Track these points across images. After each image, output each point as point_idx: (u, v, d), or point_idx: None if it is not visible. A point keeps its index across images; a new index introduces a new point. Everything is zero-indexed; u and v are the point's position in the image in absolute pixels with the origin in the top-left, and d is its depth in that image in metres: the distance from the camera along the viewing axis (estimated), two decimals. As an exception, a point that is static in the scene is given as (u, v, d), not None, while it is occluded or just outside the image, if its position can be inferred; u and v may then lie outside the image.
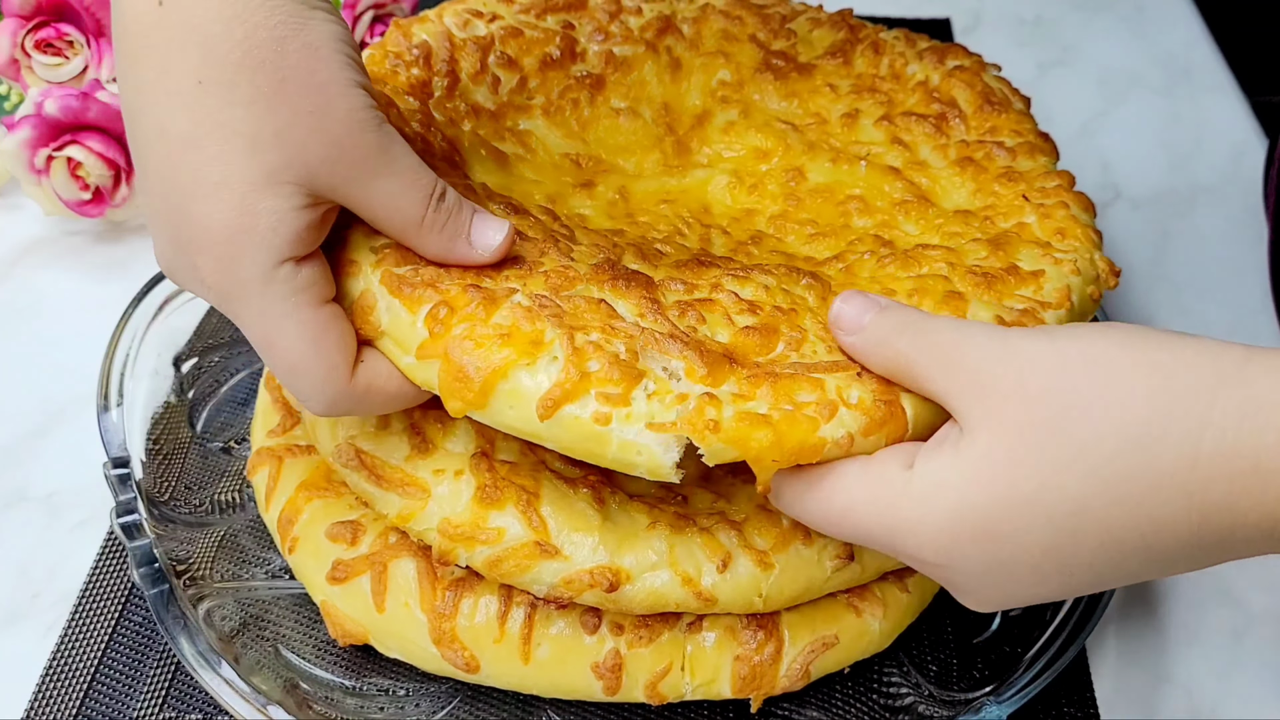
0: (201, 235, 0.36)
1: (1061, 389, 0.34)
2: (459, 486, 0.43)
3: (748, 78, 0.60)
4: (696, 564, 0.42)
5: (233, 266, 0.36)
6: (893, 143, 0.56)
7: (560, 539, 0.42)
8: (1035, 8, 0.95)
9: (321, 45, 0.37)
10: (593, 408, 0.37)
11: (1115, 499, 0.34)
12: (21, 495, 0.57)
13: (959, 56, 0.60)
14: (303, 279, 0.37)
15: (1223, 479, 0.33)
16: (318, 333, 0.38)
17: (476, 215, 0.41)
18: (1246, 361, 0.34)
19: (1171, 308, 0.70)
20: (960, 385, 0.36)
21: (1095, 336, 0.36)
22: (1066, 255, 0.47)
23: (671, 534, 0.42)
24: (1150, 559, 0.35)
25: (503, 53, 0.55)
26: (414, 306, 0.39)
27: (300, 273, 0.37)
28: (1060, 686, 0.49)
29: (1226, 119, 0.84)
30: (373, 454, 0.44)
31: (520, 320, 0.39)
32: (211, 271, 0.37)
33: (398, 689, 0.47)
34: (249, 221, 0.36)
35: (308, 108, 0.36)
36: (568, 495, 0.43)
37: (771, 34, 0.62)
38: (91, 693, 0.49)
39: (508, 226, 0.41)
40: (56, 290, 0.67)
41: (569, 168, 0.54)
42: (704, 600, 0.42)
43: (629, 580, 0.42)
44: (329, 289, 0.39)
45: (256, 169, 0.36)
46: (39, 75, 0.69)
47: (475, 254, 0.40)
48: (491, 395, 0.38)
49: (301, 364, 0.38)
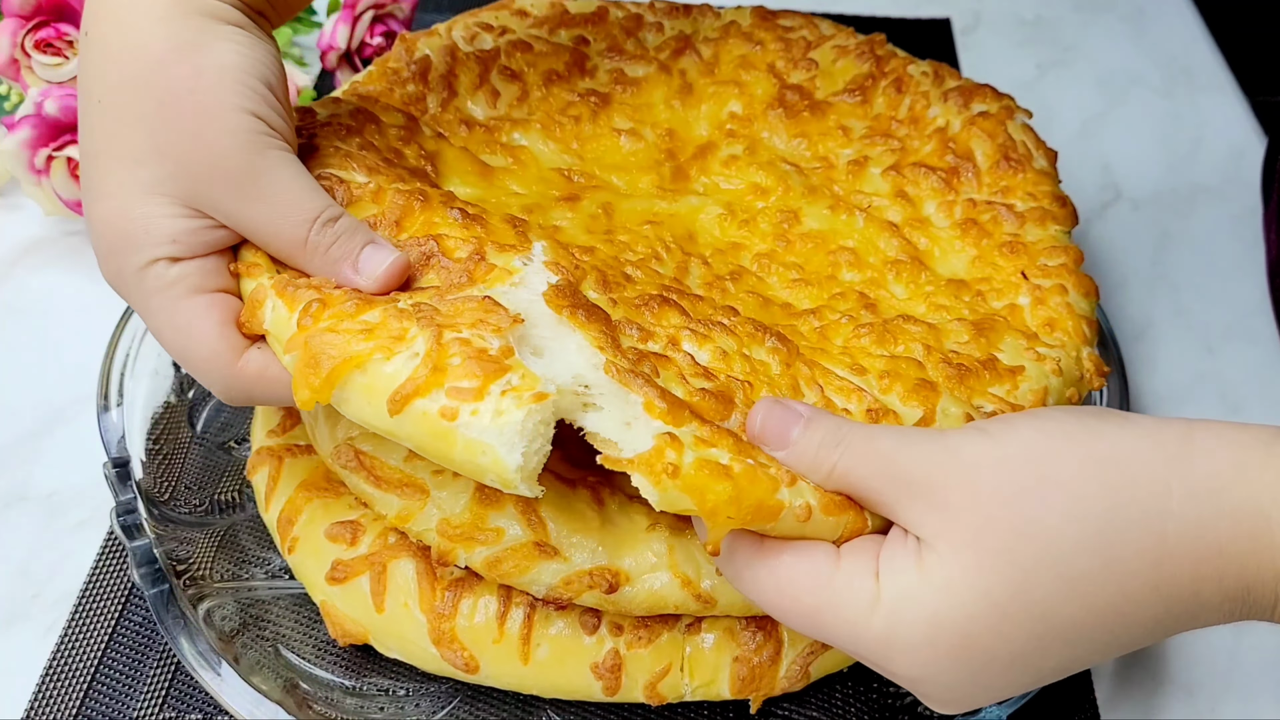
0: (95, 238, 0.41)
1: (1013, 493, 0.34)
2: (458, 486, 0.43)
3: (759, 113, 0.59)
4: (696, 566, 0.42)
5: (115, 265, 0.40)
6: (897, 196, 0.54)
7: (559, 540, 0.42)
8: (1035, 8, 0.95)
9: (209, 69, 0.39)
10: (441, 402, 0.35)
11: (1083, 599, 0.34)
12: (21, 495, 0.57)
13: (986, 100, 0.58)
14: (174, 274, 0.40)
15: (1189, 566, 0.33)
16: (191, 322, 0.40)
17: (370, 245, 0.41)
18: (1188, 439, 0.35)
19: (1171, 308, 0.70)
20: (905, 495, 0.36)
21: (1032, 433, 0.36)
22: (1051, 352, 0.46)
23: (671, 536, 0.42)
24: (1114, 647, 0.35)
25: (506, 66, 0.55)
26: (293, 305, 0.40)
27: (172, 269, 0.40)
28: (1060, 687, 0.49)
29: (1226, 119, 0.84)
30: (372, 455, 0.44)
31: (390, 319, 0.38)
32: (105, 271, 0.41)
33: (398, 689, 0.47)
34: (124, 225, 0.39)
35: (188, 129, 0.39)
36: (567, 496, 0.43)
37: (791, 63, 0.61)
38: (91, 693, 0.49)
39: (396, 257, 0.41)
40: (56, 290, 0.67)
41: (558, 181, 0.53)
42: (703, 602, 0.42)
43: (628, 582, 0.42)
44: (207, 282, 0.41)
45: (135, 181, 0.39)
46: (39, 75, 0.69)
47: (360, 280, 0.41)
48: (341, 385, 0.37)
49: (183, 350, 0.41)
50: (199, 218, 0.40)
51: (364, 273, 0.40)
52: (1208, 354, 0.67)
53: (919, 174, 0.55)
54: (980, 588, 0.34)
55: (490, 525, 0.42)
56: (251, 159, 0.39)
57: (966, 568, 0.34)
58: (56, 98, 0.64)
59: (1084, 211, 0.76)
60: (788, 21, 0.64)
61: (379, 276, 0.40)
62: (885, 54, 0.62)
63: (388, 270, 0.40)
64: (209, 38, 0.40)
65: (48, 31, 0.69)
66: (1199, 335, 0.68)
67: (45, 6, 0.69)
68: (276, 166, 0.40)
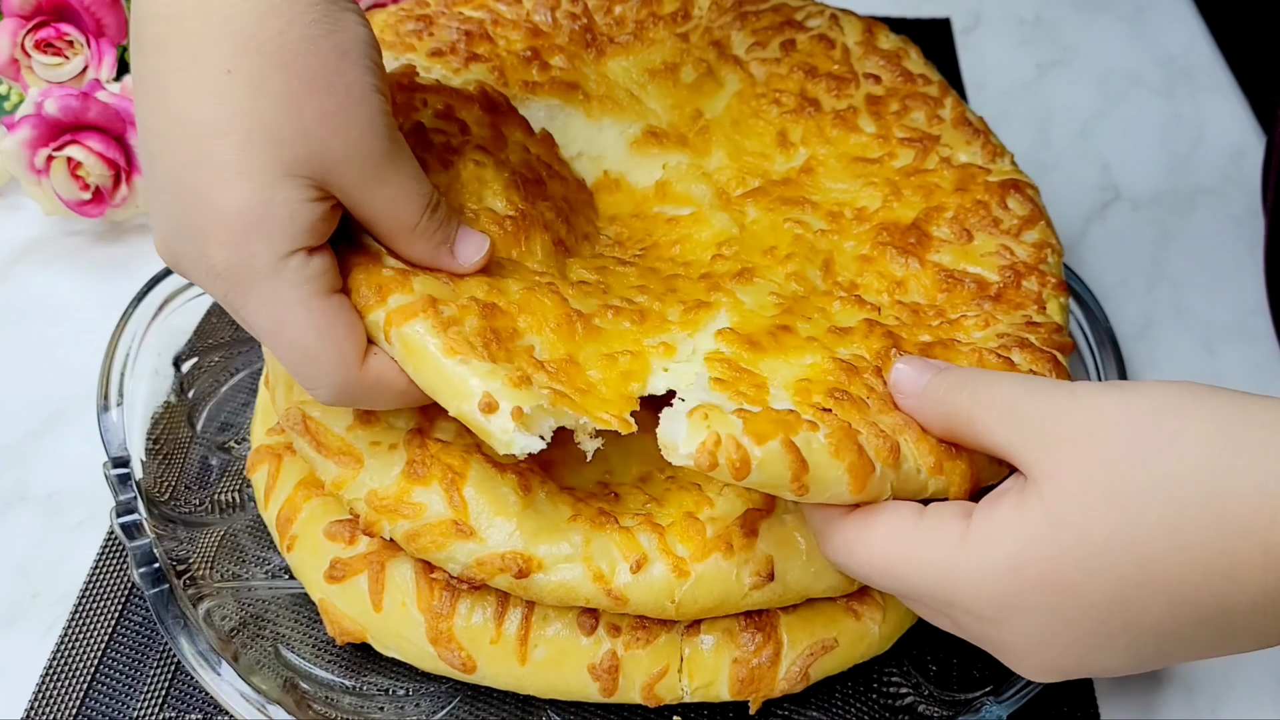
0: (215, 221, 0.37)
1: (1129, 438, 0.33)
2: (391, 459, 0.43)
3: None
4: (611, 562, 0.42)
5: (246, 253, 0.37)
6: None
7: (479, 521, 0.42)
8: (1035, 8, 0.95)
9: (351, 48, 0.38)
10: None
11: (1186, 552, 0.32)
12: (21, 495, 0.57)
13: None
14: (314, 268, 0.38)
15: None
16: (327, 320, 0.38)
17: (461, 230, 0.43)
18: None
19: (1171, 307, 0.70)
20: (1025, 436, 0.36)
21: (1160, 388, 0.35)
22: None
23: (590, 529, 0.42)
24: (1221, 627, 0.33)
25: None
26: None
27: (311, 262, 0.38)
28: (1060, 686, 0.49)
29: (1226, 119, 0.84)
30: (319, 420, 0.45)
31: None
32: (224, 259, 0.37)
33: (397, 689, 0.47)
34: (266, 210, 0.36)
35: (332, 108, 0.37)
36: (494, 479, 0.43)
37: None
38: (91, 693, 0.49)
39: (488, 243, 0.43)
40: (56, 290, 0.67)
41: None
42: (614, 599, 0.42)
43: (541, 569, 0.42)
44: (337, 280, 0.40)
45: (278, 161, 0.36)
46: (39, 75, 0.69)
47: (456, 264, 0.42)
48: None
49: (311, 351, 0.38)
50: (324, 200, 0.38)
51: (460, 257, 0.42)
52: (1208, 354, 0.67)
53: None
54: (1078, 524, 0.33)
55: (414, 500, 0.42)
56: (390, 142, 0.39)
57: (1065, 505, 0.33)
58: (56, 98, 0.64)
59: (1084, 211, 0.76)
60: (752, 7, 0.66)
61: (474, 263, 0.42)
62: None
63: (484, 258, 0.42)
64: (339, 15, 0.38)
65: (48, 31, 0.69)
66: (1199, 335, 0.68)
67: (45, 6, 0.69)
68: (404, 149, 0.40)
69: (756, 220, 0.53)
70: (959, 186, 0.54)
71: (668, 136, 0.57)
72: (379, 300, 0.39)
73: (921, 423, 0.40)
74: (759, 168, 0.56)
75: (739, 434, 0.37)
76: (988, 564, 0.34)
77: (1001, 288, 0.49)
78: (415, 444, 0.43)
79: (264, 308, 0.38)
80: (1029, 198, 0.54)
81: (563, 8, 0.63)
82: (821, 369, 0.42)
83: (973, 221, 0.52)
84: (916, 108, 0.58)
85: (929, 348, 0.45)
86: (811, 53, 0.61)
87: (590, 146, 0.57)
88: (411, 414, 0.45)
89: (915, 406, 0.40)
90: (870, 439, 0.39)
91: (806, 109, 0.58)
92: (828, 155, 0.57)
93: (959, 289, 0.49)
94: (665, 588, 0.42)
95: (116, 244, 0.69)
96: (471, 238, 0.43)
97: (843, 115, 0.58)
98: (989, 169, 0.55)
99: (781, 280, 0.49)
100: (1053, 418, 0.35)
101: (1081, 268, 0.71)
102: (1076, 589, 0.33)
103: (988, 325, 0.47)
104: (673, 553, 0.42)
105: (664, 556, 0.42)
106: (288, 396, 0.47)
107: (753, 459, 0.36)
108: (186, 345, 0.59)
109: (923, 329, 0.47)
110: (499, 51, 0.58)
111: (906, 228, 0.52)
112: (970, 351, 0.45)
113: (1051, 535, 0.33)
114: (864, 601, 0.46)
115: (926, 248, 0.51)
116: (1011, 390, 0.37)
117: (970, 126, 0.57)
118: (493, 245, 0.43)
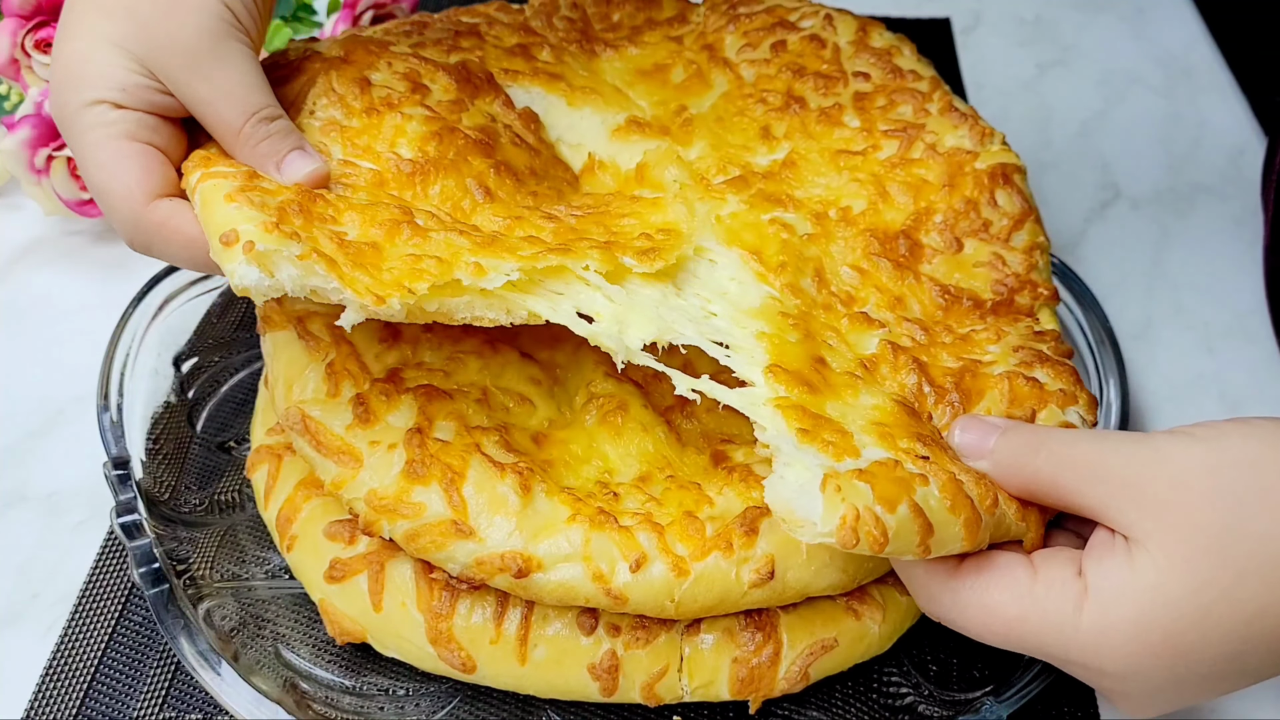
0: (54, 71, 0.45)
1: (1224, 495, 0.35)
2: (391, 459, 0.43)
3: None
4: (611, 561, 0.42)
5: (62, 98, 0.44)
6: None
7: (478, 520, 0.42)
8: (1035, 8, 0.95)
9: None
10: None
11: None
12: (21, 495, 0.57)
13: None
14: (113, 117, 0.44)
15: None
16: (115, 160, 0.43)
17: (296, 150, 0.45)
18: None
19: (1171, 307, 0.70)
20: (1118, 500, 0.37)
21: (1242, 439, 0.36)
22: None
23: (590, 529, 0.42)
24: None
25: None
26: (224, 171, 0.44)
27: (113, 113, 0.44)
28: (1060, 686, 0.49)
29: (1226, 119, 0.84)
30: (319, 420, 0.45)
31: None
32: (53, 102, 0.45)
33: (397, 689, 0.47)
34: (82, 67, 0.44)
35: (164, 3, 0.43)
36: (493, 479, 0.43)
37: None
38: (91, 693, 0.49)
39: (317, 166, 0.45)
40: (56, 290, 0.67)
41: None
42: (614, 598, 0.42)
43: (540, 569, 0.42)
44: (141, 133, 0.44)
45: (102, 30, 0.43)
46: (39, 75, 0.69)
47: (278, 176, 0.45)
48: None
49: (100, 185, 0.44)
50: (150, 78, 0.44)
51: (285, 174, 0.45)
52: (1207, 354, 0.67)
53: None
54: (1190, 587, 0.35)
55: (413, 500, 0.42)
56: (210, 43, 0.44)
57: (1178, 567, 0.35)
58: (56, 98, 0.64)
59: (1083, 211, 0.76)
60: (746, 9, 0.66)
61: (297, 179, 0.44)
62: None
63: (308, 177, 0.45)
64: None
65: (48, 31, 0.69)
66: (1199, 335, 0.68)
67: (45, 6, 0.69)
68: (231, 55, 0.44)
69: (736, 214, 0.52)
70: (946, 181, 0.54)
71: (650, 127, 0.57)
72: (202, 166, 0.43)
73: (998, 484, 0.40)
74: (740, 159, 0.56)
75: (872, 504, 0.36)
76: (1111, 630, 0.36)
77: (996, 304, 0.50)
78: (415, 444, 0.43)
79: (73, 144, 0.44)
80: (1017, 188, 0.54)
81: (560, 13, 0.63)
82: (887, 412, 0.43)
83: (962, 227, 0.52)
84: (904, 102, 0.58)
85: (958, 378, 0.46)
86: (801, 53, 0.61)
87: (570, 134, 0.57)
88: (413, 413, 0.45)
89: (989, 470, 0.41)
90: (972, 489, 0.39)
91: (792, 106, 0.58)
92: (810, 149, 0.57)
93: (956, 306, 0.50)
94: (665, 587, 0.42)
95: (116, 244, 0.69)
96: (303, 158, 0.45)
97: (827, 112, 0.58)
98: (977, 152, 0.55)
99: (779, 291, 0.48)
100: (1143, 478, 0.36)
101: (1081, 268, 0.71)
102: (1193, 648, 0.35)
103: (1000, 339, 0.48)
104: (672, 552, 0.42)
105: (663, 555, 0.42)
106: (288, 396, 0.47)
107: (889, 530, 0.36)
108: (186, 345, 0.59)
109: (939, 347, 0.48)
110: (485, 45, 0.58)
111: (896, 235, 0.52)
112: (999, 379, 0.46)
113: (1167, 599, 0.35)
114: (864, 601, 0.46)
115: (918, 258, 0.51)
116: (1090, 451, 0.38)
117: (957, 112, 0.57)
118: (326, 173, 0.45)
